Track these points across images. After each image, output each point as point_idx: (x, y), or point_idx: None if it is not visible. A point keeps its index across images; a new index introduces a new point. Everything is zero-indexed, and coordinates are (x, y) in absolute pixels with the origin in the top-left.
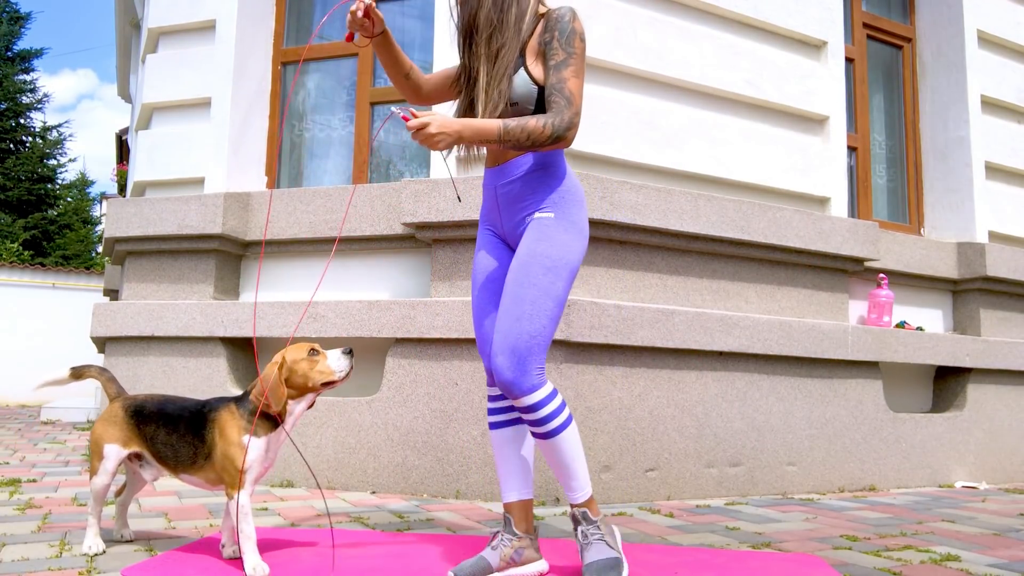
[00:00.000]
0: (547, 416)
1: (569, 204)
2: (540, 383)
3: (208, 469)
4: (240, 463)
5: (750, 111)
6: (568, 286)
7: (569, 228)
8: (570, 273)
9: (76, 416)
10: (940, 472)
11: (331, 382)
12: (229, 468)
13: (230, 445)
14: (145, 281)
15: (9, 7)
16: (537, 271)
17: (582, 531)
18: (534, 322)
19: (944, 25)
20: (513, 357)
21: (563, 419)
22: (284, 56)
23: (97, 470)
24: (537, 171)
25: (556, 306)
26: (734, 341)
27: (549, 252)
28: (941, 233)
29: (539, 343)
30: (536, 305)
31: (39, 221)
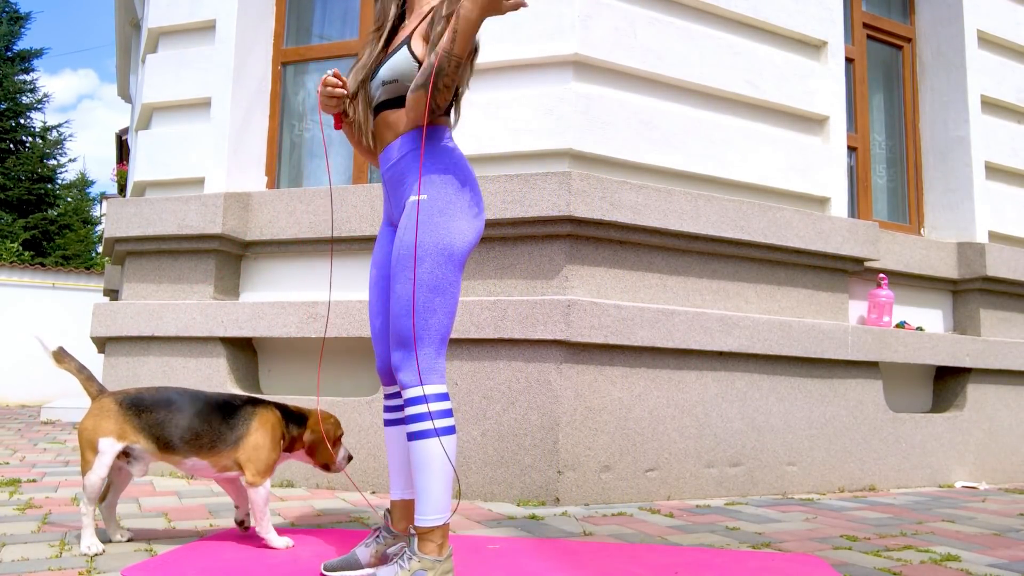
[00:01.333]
0: (417, 415)
1: (445, 182)
2: (415, 382)
3: (224, 456)
4: (272, 460)
5: (750, 111)
6: (452, 271)
7: (445, 208)
8: (450, 258)
9: (76, 416)
10: (940, 472)
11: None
12: (264, 458)
13: (267, 441)
14: (145, 281)
15: (9, 7)
16: (408, 263)
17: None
18: (406, 318)
19: (944, 25)
20: (397, 349)
21: (423, 428)
22: (284, 56)
23: (91, 465)
24: (414, 151)
25: (438, 296)
26: (734, 341)
27: (421, 240)
28: (941, 233)
29: (421, 337)
30: (417, 299)
31: (39, 221)
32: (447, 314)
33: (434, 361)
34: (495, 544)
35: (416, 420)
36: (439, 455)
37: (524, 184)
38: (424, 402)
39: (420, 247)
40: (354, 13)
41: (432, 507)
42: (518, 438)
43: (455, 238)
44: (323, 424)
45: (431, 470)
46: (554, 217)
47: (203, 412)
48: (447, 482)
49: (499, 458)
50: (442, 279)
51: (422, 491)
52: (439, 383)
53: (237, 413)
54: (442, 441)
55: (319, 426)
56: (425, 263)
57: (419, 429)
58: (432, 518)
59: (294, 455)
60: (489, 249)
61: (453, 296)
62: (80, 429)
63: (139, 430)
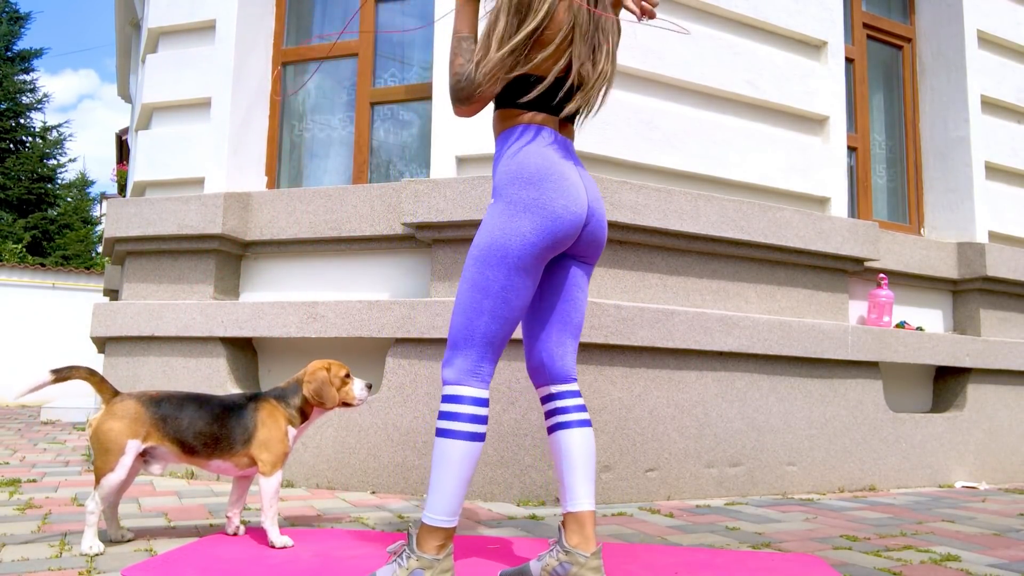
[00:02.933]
0: (445, 413)
1: (508, 183)
2: (456, 380)
3: (242, 455)
4: (285, 448)
5: (750, 111)
6: (505, 273)
7: (505, 209)
8: (503, 258)
9: (76, 416)
10: (940, 472)
11: (347, 404)
12: (274, 450)
13: (275, 433)
14: (145, 281)
15: (9, 7)
16: (467, 263)
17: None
18: (458, 316)
19: (944, 25)
20: (447, 348)
21: (452, 428)
22: (284, 56)
23: (113, 466)
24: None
25: (486, 298)
26: (734, 341)
27: (478, 241)
28: (941, 233)
29: (466, 338)
30: (461, 298)
31: (39, 221)
32: (496, 318)
33: (476, 364)
34: (495, 544)
35: (446, 418)
36: (460, 457)
37: None
38: (459, 403)
39: (475, 247)
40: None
41: (442, 507)
42: (518, 438)
43: (510, 239)
44: (318, 369)
45: (450, 470)
46: None
47: (218, 416)
48: (462, 486)
49: (499, 458)
50: (493, 281)
51: (436, 488)
52: (479, 387)
53: (243, 412)
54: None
55: (313, 376)
56: (478, 264)
57: (446, 427)
58: (440, 518)
59: (313, 419)
60: None
61: (506, 301)
62: (103, 430)
63: (163, 432)
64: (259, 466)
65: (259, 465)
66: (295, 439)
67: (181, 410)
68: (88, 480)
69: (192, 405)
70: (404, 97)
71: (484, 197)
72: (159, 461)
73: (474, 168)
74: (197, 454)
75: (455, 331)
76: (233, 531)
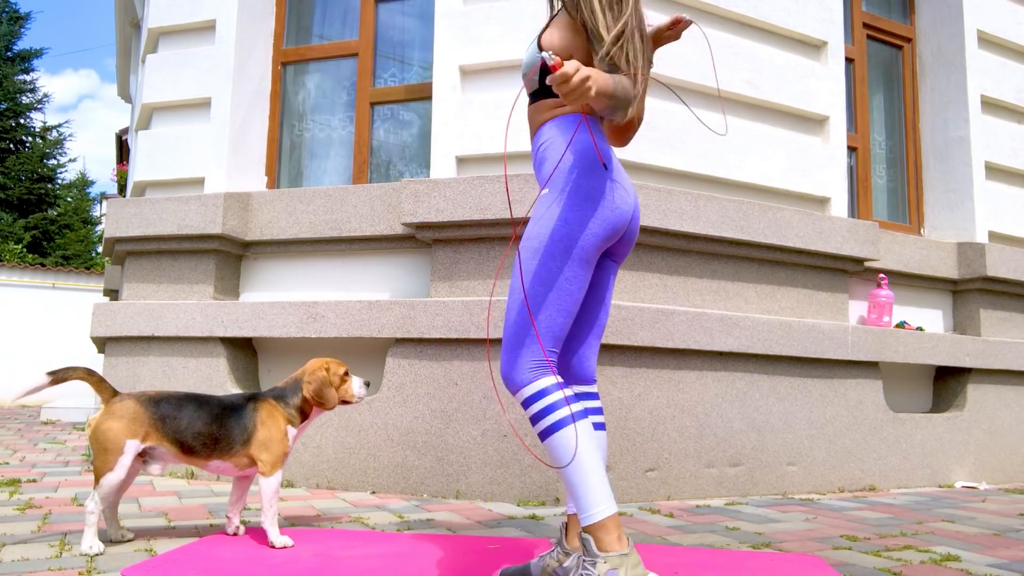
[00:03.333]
0: (538, 413)
1: (568, 171)
2: (531, 378)
3: (242, 455)
4: (285, 448)
5: (750, 111)
6: (569, 264)
7: (564, 199)
8: (566, 249)
9: (76, 416)
10: (940, 472)
11: (347, 402)
12: (274, 450)
13: (274, 433)
14: (145, 281)
15: (9, 7)
16: (524, 257)
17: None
18: (522, 313)
19: (944, 25)
20: (506, 351)
21: (553, 421)
22: (284, 56)
23: (112, 466)
24: (546, 141)
25: (549, 290)
26: (734, 341)
27: (535, 232)
28: (941, 233)
29: (531, 334)
30: (523, 294)
31: (39, 221)
32: (560, 311)
33: (544, 358)
34: (495, 544)
35: (542, 415)
36: (580, 442)
37: (524, 184)
38: (545, 395)
39: (534, 239)
40: (354, 13)
41: (590, 500)
42: (518, 438)
43: (574, 229)
44: (317, 368)
45: (579, 459)
46: None
47: (218, 417)
48: (591, 472)
49: (499, 458)
50: (556, 272)
51: (576, 485)
52: (554, 375)
53: (242, 412)
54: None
55: (313, 375)
56: (539, 256)
57: (548, 423)
58: (596, 511)
59: (313, 418)
60: (489, 249)
61: (569, 293)
62: (102, 430)
63: (162, 433)
64: (259, 466)
65: (259, 465)
66: (295, 439)
67: (180, 410)
68: (88, 480)
69: (191, 405)
70: (404, 97)
71: (484, 197)
72: (158, 461)
73: (474, 168)
74: (196, 454)
75: (517, 328)
76: (233, 531)
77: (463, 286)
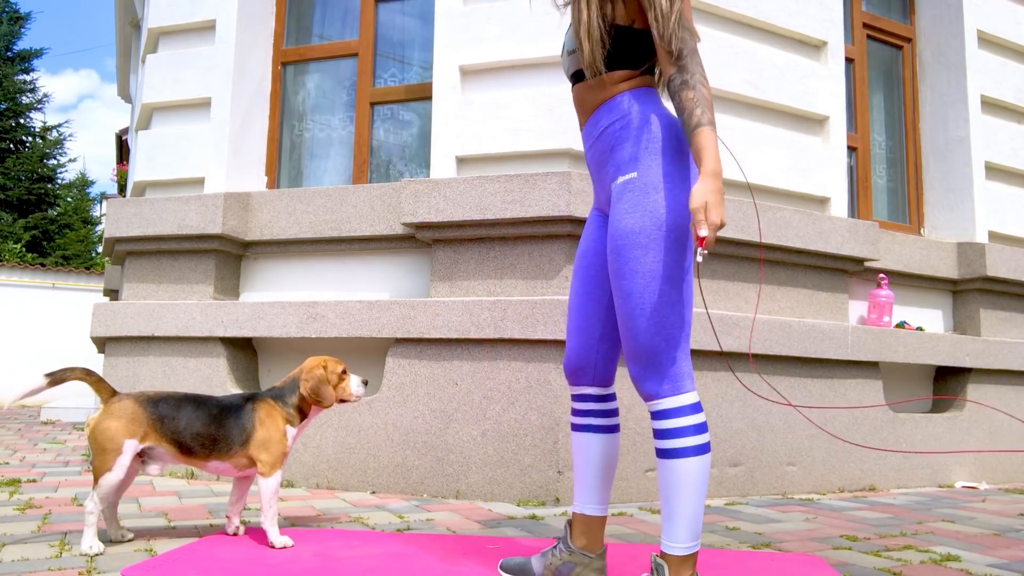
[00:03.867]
0: (666, 431)
1: (652, 152)
2: (674, 391)
3: (241, 455)
4: (284, 448)
5: (750, 111)
6: (680, 252)
7: (659, 183)
8: (678, 238)
9: (76, 416)
10: (940, 472)
11: (344, 400)
12: (273, 450)
13: (273, 433)
14: (145, 281)
15: (9, 7)
16: (632, 254)
17: None
18: (651, 317)
19: (944, 25)
20: (643, 365)
21: (685, 444)
22: (284, 56)
23: (111, 466)
24: (609, 127)
25: (673, 287)
26: (734, 341)
27: (640, 225)
28: (941, 233)
29: (668, 338)
30: (646, 296)
31: (39, 221)
32: (687, 306)
33: (684, 364)
34: (495, 544)
35: (670, 436)
36: (696, 475)
37: (524, 184)
38: (679, 415)
39: (640, 233)
40: (354, 13)
41: (688, 533)
42: (518, 438)
43: (678, 213)
44: (315, 367)
45: (687, 492)
46: (554, 217)
47: (216, 417)
48: (702, 504)
49: (499, 458)
50: (674, 265)
51: (676, 515)
52: (691, 390)
53: (240, 412)
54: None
55: (310, 373)
56: (651, 252)
57: (674, 447)
58: (689, 545)
59: (312, 417)
60: (489, 249)
61: (688, 283)
62: (100, 429)
63: (160, 433)
64: (258, 467)
65: (258, 466)
66: (294, 439)
67: (179, 410)
68: (88, 480)
69: (190, 405)
70: (404, 97)
71: (484, 197)
72: (157, 461)
73: (474, 168)
74: (195, 455)
75: (649, 337)
76: (233, 531)
77: (463, 286)
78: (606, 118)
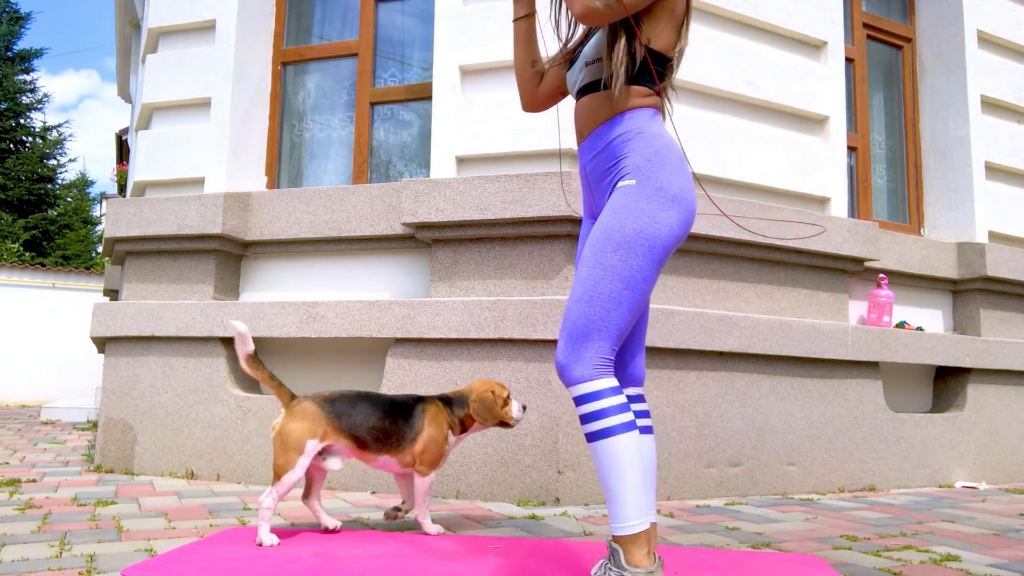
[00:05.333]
0: (590, 414)
1: (656, 167)
2: (592, 375)
3: (406, 452)
4: (443, 451)
5: (750, 111)
6: (649, 264)
7: (654, 195)
8: (650, 249)
9: (76, 416)
10: (940, 472)
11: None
12: (433, 451)
13: (438, 435)
14: (145, 281)
15: (9, 7)
16: (606, 248)
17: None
18: (594, 305)
19: (944, 25)
20: (568, 341)
21: (606, 425)
22: (284, 56)
23: (293, 465)
24: (620, 136)
25: (627, 288)
26: (734, 341)
27: (623, 225)
28: (941, 233)
29: (600, 329)
30: (599, 286)
31: (39, 221)
32: (631, 310)
33: (607, 357)
34: (495, 544)
35: (594, 418)
36: (627, 452)
37: (524, 184)
38: (601, 397)
39: (616, 232)
40: (354, 13)
41: (631, 511)
42: (518, 438)
43: (660, 229)
44: (485, 391)
45: (621, 470)
46: (554, 217)
47: (389, 413)
48: (640, 481)
49: (499, 458)
50: (637, 271)
51: (614, 496)
52: (609, 376)
53: (411, 411)
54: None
55: (481, 396)
56: (621, 251)
57: (599, 428)
58: (633, 524)
59: (471, 431)
60: (489, 249)
61: (643, 293)
62: (285, 431)
63: (339, 431)
64: (416, 465)
65: (417, 464)
66: (452, 446)
67: (354, 407)
68: (87, 480)
69: (365, 403)
70: (404, 97)
71: (484, 197)
72: (336, 456)
73: (474, 168)
74: (369, 449)
75: (587, 321)
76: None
77: (463, 286)
78: (617, 130)
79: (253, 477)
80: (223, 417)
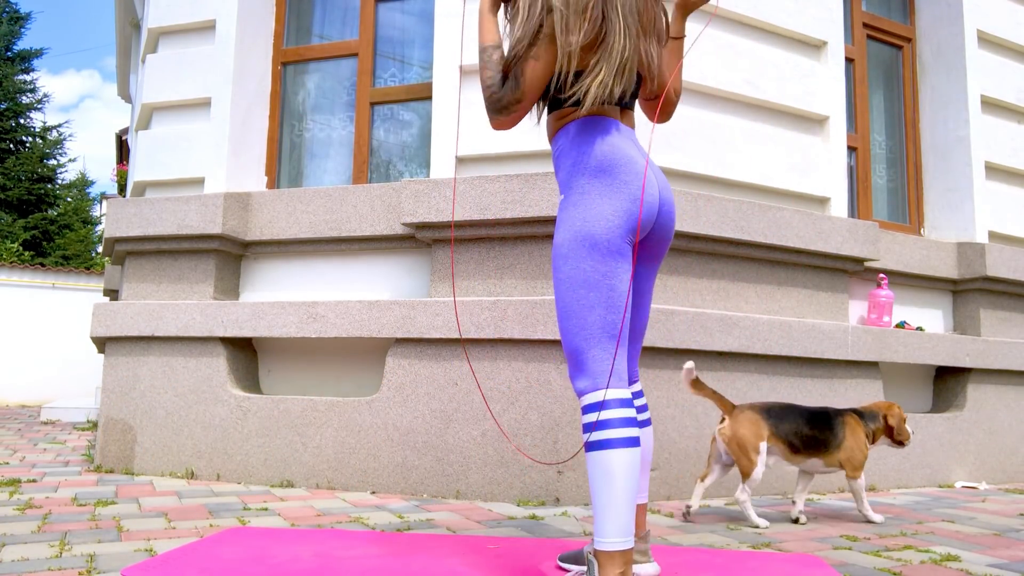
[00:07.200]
0: (590, 424)
1: (576, 174)
2: (595, 386)
3: (830, 456)
4: (865, 456)
5: (750, 111)
6: (598, 259)
7: (578, 200)
8: (592, 247)
9: (76, 416)
10: (940, 472)
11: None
12: (857, 457)
13: (860, 443)
14: (145, 281)
15: (9, 7)
16: (558, 264)
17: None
18: (570, 318)
19: (944, 25)
20: (567, 359)
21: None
22: (284, 56)
23: (756, 463)
24: (557, 150)
25: (590, 290)
26: (734, 341)
27: (562, 238)
28: (941, 233)
29: (585, 338)
30: (566, 299)
31: (39, 221)
32: (609, 308)
33: (605, 362)
34: (495, 544)
35: (594, 429)
36: (623, 468)
37: (524, 184)
38: (603, 408)
39: (559, 246)
40: (354, 13)
41: (615, 528)
42: (518, 438)
43: (594, 225)
44: (897, 411)
45: (614, 484)
46: (554, 217)
47: (813, 422)
48: (630, 499)
49: (499, 458)
50: (591, 271)
51: (603, 509)
52: (618, 386)
53: (833, 422)
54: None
55: (896, 414)
56: (569, 260)
57: (598, 439)
58: (615, 540)
59: (874, 445)
60: (489, 249)
61: (611, 287)
62: (739, 436)
63: (776, 435)
64: (846, 470)
65: (846, 469)
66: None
67: (784, 417)
68: (88, 480)
69: (793, 413)
70: (404, 97)
71: (484, 197)
72: (771, 456)
73: (474, 168)
74: (799, 453)
75: (571, 335)
76: (795, 517)
77: (463, 286)
78: (554, 151)
79: (253, 477)
80: (223, 417)
